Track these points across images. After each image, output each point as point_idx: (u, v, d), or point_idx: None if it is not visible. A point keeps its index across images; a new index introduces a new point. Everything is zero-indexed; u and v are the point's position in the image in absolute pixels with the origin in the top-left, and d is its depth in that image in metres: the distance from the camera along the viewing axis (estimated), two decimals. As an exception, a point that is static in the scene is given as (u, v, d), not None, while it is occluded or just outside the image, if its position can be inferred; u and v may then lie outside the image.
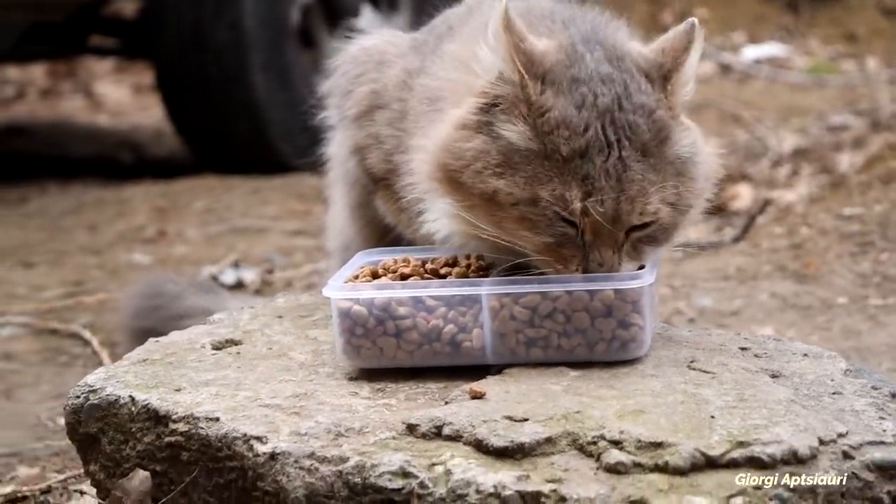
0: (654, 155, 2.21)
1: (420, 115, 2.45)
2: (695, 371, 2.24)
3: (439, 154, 2.26)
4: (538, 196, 2.18)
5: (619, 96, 2.21)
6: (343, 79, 2.71)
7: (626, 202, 2.17)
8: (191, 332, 2.56)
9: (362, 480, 2.01)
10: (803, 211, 4.62)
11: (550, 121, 2.19)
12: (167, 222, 5.17)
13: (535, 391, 2.15)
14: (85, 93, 9.76)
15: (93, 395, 2.30)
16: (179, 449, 2.19)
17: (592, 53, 2.27)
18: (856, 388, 2.24)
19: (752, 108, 7.58)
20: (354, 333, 2.26)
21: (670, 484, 1.94)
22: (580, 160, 2.17)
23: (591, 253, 2.19)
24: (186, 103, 6.18)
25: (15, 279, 4.35)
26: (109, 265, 4.53)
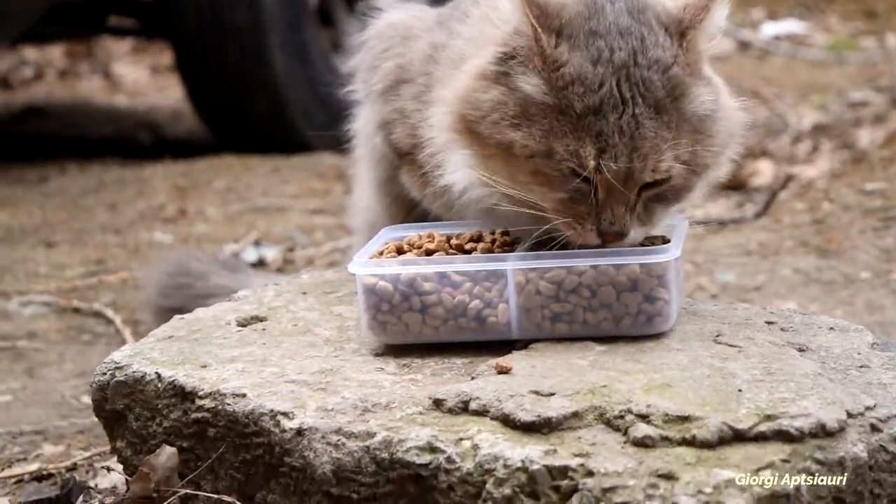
0: (669, 112, 2.19)
1: (445, 81, 2.44)
2: (721, 345, 2.24)
3: (458, 104, 2.27)
4: (553, 150, 2.17)
5: (636, 51, 2.20)
6: (369, 54, 2.71)
7: (639, 159, 2.16)
8: (216, 309, 2.57)
9: (389, 455, 2.02)
10: (825, 186, 4.61)
11: (565, 76, 2.19)
12: (187, 201, 5.17)
13: (561, 366, 2.15)
14: (103, 73, 9.77)
15: (119, 372, 2.31)
16: (206, 425, 2.20)
17: (613, 4, 2.26)
18: (883, 362, 2.24)
19: (771, 84, 7.56)
20: (380, 309, 2.26)
21: (698, 457, 1.94)
22: (594, 117, 2.16)
23: (604, 211, 2.18)
24: (206, 83, 6.18)
25: (37, 258, 4.36)
26: (130, 244, 4.53)
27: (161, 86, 9.31)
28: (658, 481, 1.90)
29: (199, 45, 6.08)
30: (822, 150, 5.27)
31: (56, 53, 9.99)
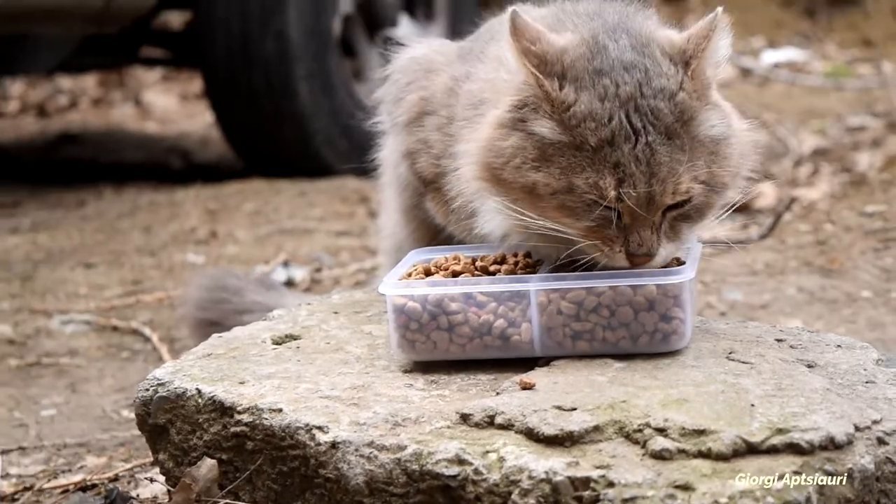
0: (680, 136, 2.19)
1: (465, 120, 2.46)
2: (734, 362, 2.24)
3: (482, 154, 2.28)
4: (574, 184, 2.18)
5: (641, 83, 2.21)
6: (394, 87, 2.72)
7: (658, 184, 2.16)
8: (252, 328, 2.58)
9: (420, 467, 2.03)
10: (826, 208, 4.61)
11: (576, 114, 2.19)
12: (218, 224, 5.18)
13: (582, 382, 2.15)
14: (134, 101, 9.79)
15: (161, 388, 2.32)
16: (244, 438, 2.20)
17: (617, 42, 2.26)
18: (888, 377, 2.24)
19: (772, 110, 7.56)
20: (409, 328, 2.27)
21: (713, 469, 1.94)
22: (609, 149, 2.17)
23: (631, 235, 2.19)
24: (235, 111, 6.19)
25: (77, 279, 4.37)
26: (165, 265, 4.54)
27: (190, 113, 9.33)
28: (675, 492, 1.90)
29: (229, 74, 6.09)
30: (823, 174, 5.27)
31: (90, 82, 10.02)
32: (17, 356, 3.64)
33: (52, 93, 9.85)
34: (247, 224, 5.16)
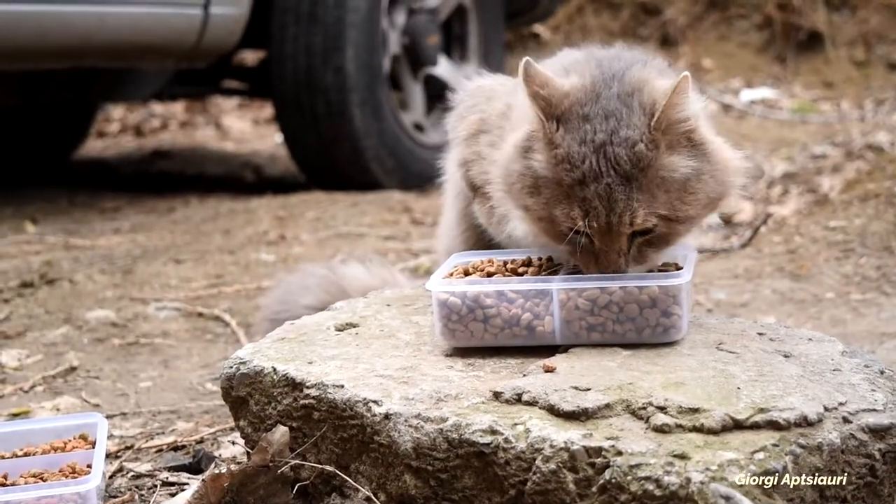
0: (637, 178, 2.18)
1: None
2: (722, 352, 2.23)
3: (502, 171, 2.31)
4: (553, 216, 2.21)
5: (613, 131, 2.19)
6: (461, 107, 2.72)
7: (615, 216, 2.17)
8: (318, 317, 2.57)
9: (459, 436, 2.02)
10: (796, 223, 4.59)
11: (558, 155, 2.20)
12: (285, 228, 5.18)
13: (595, 367, 2.15)
14: (215, 124, 9.81)
15: (243, 366, 2.32)
16: (312, 409, 2.20)
17: (609, 90, 2.25)
18: (852, 366, 2.23)
19: (749, 140, 7.54)
20: (450, 319, 2.26)
21: (705, 441, 1.94)
22: (579, 187, 2.18)
23: (601, 257, 2.21)
24: (300, 133, 6.20)
25: (168, 273, 4.38)
26: (242, 262, 4.55)
27: (261, 135, 9.35)
28: (674, 460, 1.89)
29: (295, 102, 6.10)
30: (792, 194, 5.24)
31: (178, 108, 10.05)
32: (119, 337, 3.64)
33: (146, 116, 9.87)
34: (309, 229, 5.17)
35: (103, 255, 4.73)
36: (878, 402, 2.08)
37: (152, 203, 6.06)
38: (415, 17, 6.42)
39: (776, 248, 4.32)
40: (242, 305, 3.95)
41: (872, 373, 2.22)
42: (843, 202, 4.61)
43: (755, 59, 10.70)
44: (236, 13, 5.75)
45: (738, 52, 10.75)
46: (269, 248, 4.79)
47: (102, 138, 9.23)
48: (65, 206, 6.02)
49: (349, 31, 5.96)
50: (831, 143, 6.36)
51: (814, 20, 10.28)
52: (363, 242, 4.87)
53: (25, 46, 5.27)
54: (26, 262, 4.55)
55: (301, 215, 5.44)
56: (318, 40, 5.97)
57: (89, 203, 6.11)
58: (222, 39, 5.80)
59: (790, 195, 5.23)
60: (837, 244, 4.21)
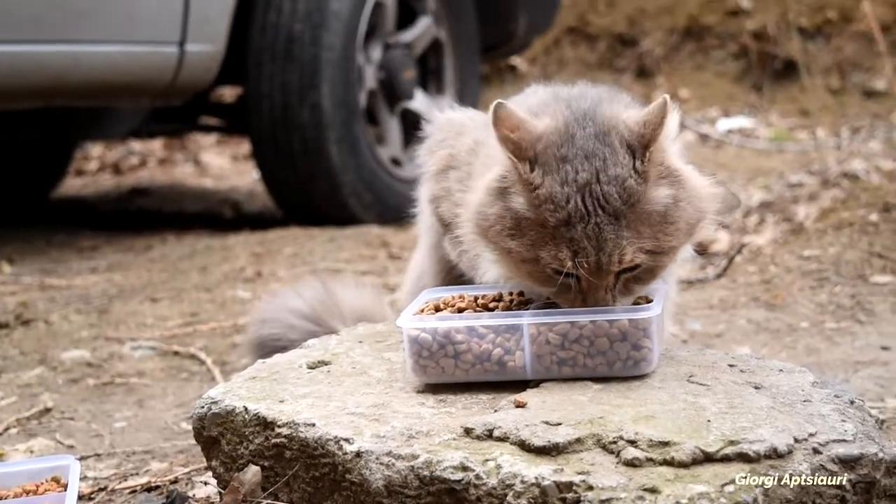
0: (626, 215, 2.18)
1: (478, 177, 2.46)
2: (693, 384, 2.24)
3: (475, 214, 2.29)
4: (539, 257, 2.20)
5: (598, 170, 2.19)
6: (431, 140, 2.73)
7: (605, 256, 2.17)
8: (290, 355, 2.57)
9: (430, 473, 2.02)
10: (771, 253, 4.60)
11: (540, 196, 2.19)
12: (262, 265, 5.17)
13: (566, 401, 2.15)
14: (194, 161, 9.81)
15: (214, 406, 2.32)
16: (283, 448, 2.20)
17: (584, 129, 2.25)
18: (822, 397, 2.23)
19: (726, 169, 7.56)
20: (421, 355, 2.27)
21: (676, 475, 1.94)
22: (566, 227, 2.18)
23: (588, 297, 2.21)
24: (277, 169, 6.20)
25: (144, 311, 4.37)
26: (218, 300, 4.54)
27: (240, 171, 9.35)
28: (644, 494, 1.90)
29: (272, 138, 6.10)
30: (768, 223, 5.25)
31: (157, 145, 10.05)
32: (94, 376, 3.63)
33: (125, 154, 9.87)
34: (286, 265, 5.16)
35: (79, 294, 4.71)
36: (848, 433, 2.09)
37: (130, 241, 6.05)
38: (390, 52, 6.44)
39: (751, 278, 4.33)
40: (218, 343, 3.94)
41: (843, 403, 2.22)
42: (817, 231, 4.62)
43: (732, 88, 10.74)
44: (212, 51, 5.76)
45: (715, 82, 10.80)
46: (246, 285, 4.78)
47: (81, 176, 9.22)
48: (42, 246, 6.00)
49: (325, 68, 5.98)
50: (808, 171, 6.38)
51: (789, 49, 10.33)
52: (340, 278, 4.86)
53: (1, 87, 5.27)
54: (1, 303, 4.54)
55: (278, 251, 5.43)
56: (295, 77, 5.98)
57: (67, 242, 6.09)
58: (198, 77, 5.81)
59: (766, 224, 5.24)
60: (812, 273, 4.22)
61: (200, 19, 5.65)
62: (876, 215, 4.53)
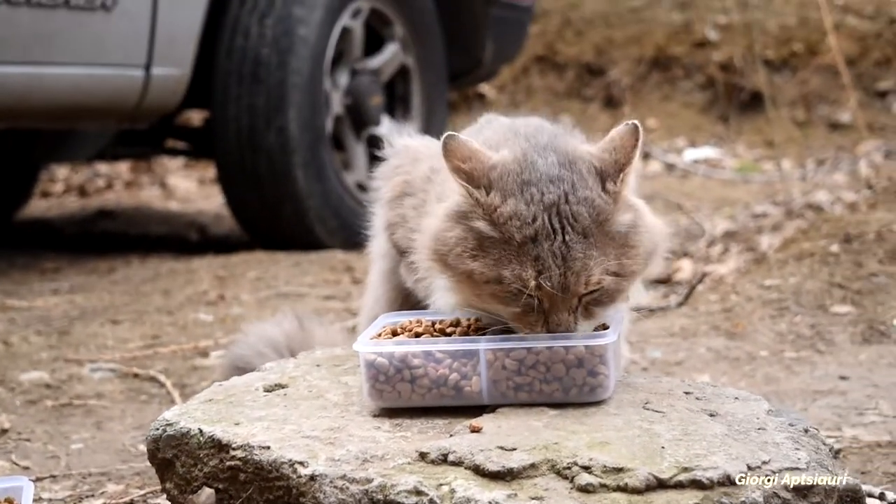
0: (595, 235, 2.20)
1: (433, 205, 2.46)
2: (648, 411, 2.24)
3: (432, 241, 2.28)
4: (502, 276, 2.19)
5: (566, 192, 2.21)
6: (387, 167, 2.73)
7: (572, 276, 2.17)
8: (247, 378, 2.56)
9: (384, 497, 2.02)
10: (733, 282, 4.62)
11: (503, 214, 2.20)
12: (226, 288, 5.16)
13: (522, 426, 2.15)
14: (160, 184, 9.79)
15: (169, 428, 2.30)
16: (238, 471, 2.19)
17: (546, 159, 2.26)
18: (776, 425, 2.24)
19: (691, 199, 7.61)
20: (378, 380, 2.26)
21: (629, 501, 1.95)
22: (532, 244, 2.18)
23: (550, 317, 2.20)
24: (242, 193, 6.20)
25: (105, 333, 4.35)
26: (180, 322, 4.52)
27: (206, 194, 9.33)
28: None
29: (237, 162, 6.10)
30: (731, 252, 5.28)
31: (123, 168, 10.02)
32: (52, 398, 3.61)
33: (91, 176, 9.84)
34: (250, 289, 5.15)
35: (40, 316, 4.69)
36: (802, 461, 2.10)
37: (93, 263, 6.03)
38: (358, 77, 6.45)
39: (712, 307, 4.35)
40: (178, 366, 3.93)
41: (797, 431, 2.23)
42: (778, 261, 4.64)
43: (698, 118, 10.80)
44: (178, 74, 5.75)
45: (682, 112, 10.86)
46: (209, 308, 4.77)
47: (46, 198, 9.18)
48: (4, 267, 5.97)
49: (292, 93, 5.98)
50: (773, 202, 6.42)
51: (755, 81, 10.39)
52: (303, 302, 4.86)
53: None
54: (-39, 324, 4.52)
55: (242, 275, 5.42)
56: (261, 101, 5.98)
57: (29, 264, 6.06)
58: (164, 100, 5.80)
59: (730, 254, 5.27)
60: (772, 302, 4.24)
61: (167, 42, 5.64)
62: (836, 246, 4.55)
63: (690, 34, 11.32)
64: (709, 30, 11.28)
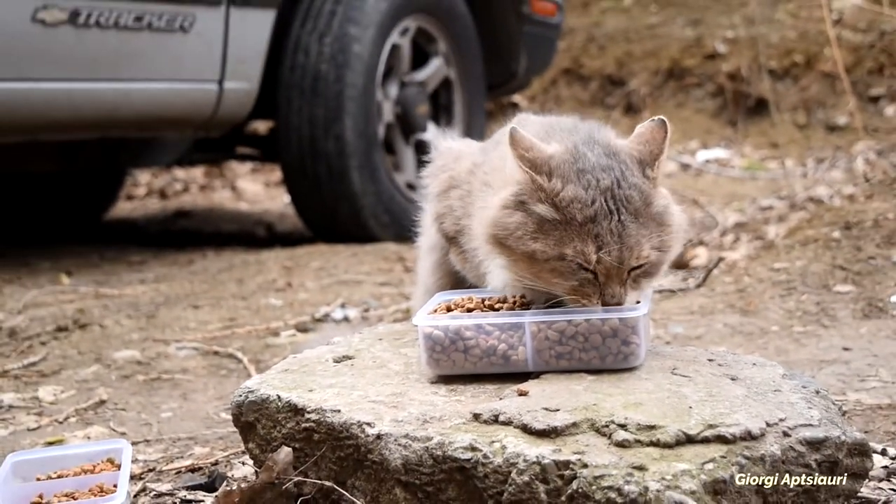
0: (643, 215, 2.22)
1: (478, 195, 2.48)
2: (676, 376, 2.24)
3: (491, 227, 2.28)
4: (564, 253, 2.19)
5: (618, 179, 2.23)
6: (433, 166, 2.74)
7: (627, 251, 2.18)
8: (318, 351, 2.58)
9: (442, 453, 2.03)
10: (745, 266, 4.60)
11: (565, 198, 2.20)
12: (292, 277, 5.19)
13: (563, 390, 2.16)
14: (231, 187, 9.83)
15: (251, 395, 2.32)
16: (312, 432, 2.21)
17: (593, 151, 2.28)
18: (790, 387, 2.24)
19: (705, 194, 7.57)
20: (434, 350, 2.27)
21: (661, 454, 1.94)
22: (591, 224, 2.19)
23: (605, 289, 2.21)
24: (305, 194, 6.22)
25: (187, 317, 4.38)
26: (253, 307, 4.55)
27: (272, 196, 9.37)
28: (633, 471, 1.90)
29: (300, 166, 6.13)
30: (742, 241, 5.26)
31: (198, 173, 10.08)
32: (143, 373, 3.65)
33: (170, 181, 9.90)
34: (313, 277, 5.17)
35: (130, 302, 4.73)
36: (814, 418, 2.09)
37: (174, 257, 6.07)
38: (406, 89, 6.46)
39: (727, 288, 4.33)
40: (253, 344, 3.95)
41: (809, 393, 2.23)
42: (786, 246, 4.63)
43: (709, 123, 10.75)
44: (247, 88, 5.78)
45: (695, 118, 10.81)
46: (278, 295, 4.80)
47: (131, 201, 9.24)
48: (96, 261, 6.02)
49: (348, 104, 6.00)
50: (777, 196, 6.39)
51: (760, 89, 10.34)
52: (361, 288, 4.88)
53: (62, 119, 5.30)
54: (61, 310, 4.56)
55: (306, 265, 5.45)
56: (321, 112, 6.00)
57: (118, 257, 6.11)
58: (236, 111, 5.84)
59: (741, 242, 5.25)
60: (781, 283, 4.22)
61: (237, 60, 5.68)
62: (838, 232, 4.53)
63: (701, 48, 11.26)
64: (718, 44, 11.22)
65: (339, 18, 6.04)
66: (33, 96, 5.13)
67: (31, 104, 5.14)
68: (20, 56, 4.98)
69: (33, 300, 4.78)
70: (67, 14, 5.03)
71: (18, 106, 5.11)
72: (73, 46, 5.10)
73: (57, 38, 5.03)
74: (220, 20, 5.56)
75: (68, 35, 5.06)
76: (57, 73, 5.14)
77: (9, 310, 4.57)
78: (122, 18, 5.22)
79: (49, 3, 4.97)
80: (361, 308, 4.43)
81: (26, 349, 3.94)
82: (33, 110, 5.17)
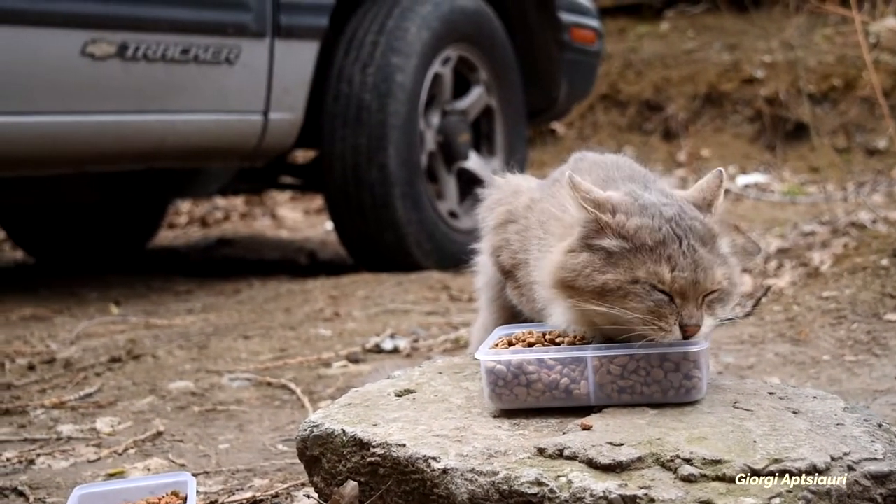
0: (709, 244, 2.26)
1: (535, 231, 2.51)
2: (738, 409, 2.26)
3: (557, 272, 2.29)
4: (637, 277, 2.21)
5: (680, 212, 2.27)
6: (490, 199, 2.77)
7: (701, 272, 2.21)
8: (379, 385, 2.61)
9: (509, 487, 2.05)
10: (793, 294, 4.60)
11: (632, 227, 2.24)
12: (339, 306, 5.22)
13: (627, 424, 2.18)
14: (271, 215, 9.90)
15: (315, 429, 2.35)
16: (377, 466, 2.23)
17: (651, 193, 2.33)
18: (853, 420, 2.25)
19: (745, 220, 7.57)
20: (497, 384, 2.30)
21: (728, 489, 1.96)
22: (662, 247, 2.21)
23: (683, 310, 2.21)
24: (349, 222, 6.25)
25: (238, 347, 4.41)
26: (303, 337, 4.58)
27: (311, 223, 9.42)
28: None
29: (344, 195, 6.16)
30: (786, 268, 5.25)
31: (238, 201, 10.15)
32: (198, 404, 3.68)
33: (210, 209, 9.97)
34: (360, 306, 5.20)
35: (180, 332, 4.77)
36: (878, 452, 2.10)
37: (220, 286, 6.11)
38: (448, 118, 6.50)
39: (777, 317, 4.33)
40: (305, 375, 3.98)
41: (871, 426, 2.24)
42: (833, 274, 4.62)
43: (748, 147, 10.75)
44: (292, 118, 5.84)
45: (733, 142, 10.81)
46: (326, 324, 4.83)
47: (173, 229, 9.32)
48: (143, 290, 6.07)
49: (391, 133, 6.04)
50: (819, 221, 6.37)
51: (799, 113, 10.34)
52: (408, 318, 4.90)
53: (110, 151, 5.37)
54: (113, 340, 4.60)
55: (352, 294, 5.48)
56: (364, 141, 6.04)
57: (164, 287, 6.16)
58: (280, 141, 5.89)
59: (785, 269, 5.24)
60: (831, 312, 4.22)
61: (282, 91, 5.73)
62: (886, 260, 4.52)
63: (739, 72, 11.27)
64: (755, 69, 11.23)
65: (381, 49, 6.10)
66: (82, 129, 5.20)
67: (80, 137, 5.21)
68: (69, 89, 5.06)
69: (85, 331, 4.82)
70: (116, 48, 5.10)
71: (68, 138, 5.18)
72: (122, 79, 5.17)
73: (105, 71, 5.10)
74: (265, 52, 5.62)
75: (116, 68, 5.13)
76: (105, 106, 5.21)
77: (61, 340, 4.62)
78: (169, 51, 5.29)
79: (98, 37, 5.04)
80: (411, 338, 4.44)
81: (81, 380, 3.98)
82: (82, 143, 5.24)
